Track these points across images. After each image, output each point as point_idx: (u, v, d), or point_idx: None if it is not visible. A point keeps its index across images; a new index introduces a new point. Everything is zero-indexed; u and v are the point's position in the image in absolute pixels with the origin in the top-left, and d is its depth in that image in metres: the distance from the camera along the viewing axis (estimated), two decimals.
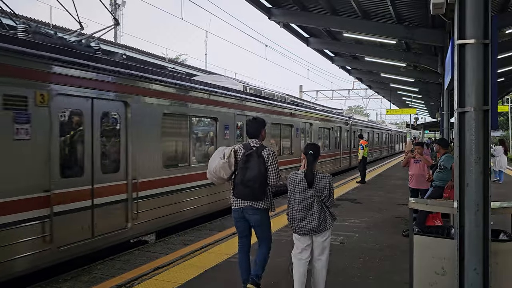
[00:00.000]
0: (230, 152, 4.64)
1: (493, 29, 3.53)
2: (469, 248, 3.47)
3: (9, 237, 5.16)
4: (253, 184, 4.51)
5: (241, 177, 4.56)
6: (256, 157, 4.58)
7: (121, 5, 33.41)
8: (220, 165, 4.57)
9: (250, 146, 4.69)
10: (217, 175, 4.65)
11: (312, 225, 4.35)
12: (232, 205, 4.72)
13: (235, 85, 12.13)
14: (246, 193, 4.55)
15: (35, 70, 5.53)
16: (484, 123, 3.45)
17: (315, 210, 4.36)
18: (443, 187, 7.34)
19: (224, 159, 4.58)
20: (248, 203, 4.57)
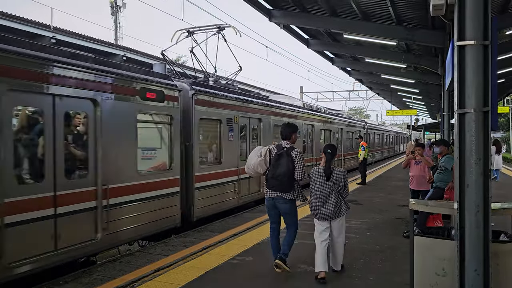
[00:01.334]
0: (266, 151, 5.56)
1: (493, 30, 3.54)
2: (470, 249, 3.47)
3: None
4: (282, 178, 5.40)
5: (273, 172, 5.47)
6: (286, 156, 5.47)
7: (122, 7, 33.46)
8: (258, 162, 5.49)
9: (282, 146, 5.58)
10: (255, 170, 5.60)
11: (329, 211, 5.30)
12: (265, 195, 5.63)
13: (296, 102, 16.74)
14: (276, 186, 5.44)
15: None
16: (484, 124, 3.46)
17: (332, 199, 5.29)
18: (444, 188, 7.33)
19: (261, 157, 5.48)
20: (278, 194, 5.45)
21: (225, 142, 9.95)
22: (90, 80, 6.26)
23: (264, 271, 5.64)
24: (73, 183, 6.00)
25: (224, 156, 9.89)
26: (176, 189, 8.11)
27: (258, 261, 6.09)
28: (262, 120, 11.92)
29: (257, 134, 11.91)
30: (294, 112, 14.78)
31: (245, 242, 7.09)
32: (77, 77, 6.06)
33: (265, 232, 7.77)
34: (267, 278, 5.38)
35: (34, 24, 15.06)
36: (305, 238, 6.54)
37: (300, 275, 5.48)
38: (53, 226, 5.58)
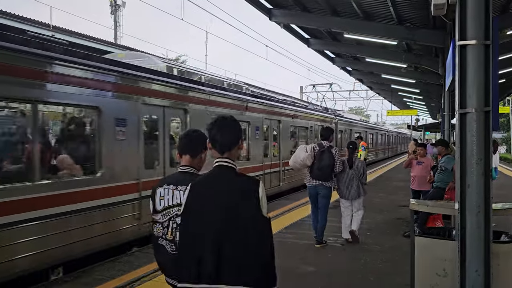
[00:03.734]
0: (311, 148, 7.02)
1: (494, 30, 3.51)
2: (471, 249, 3.45)
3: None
4: (325, 170, 6.86)
5: (318, 165, 6.87)
6: (327, 153, 6.94)
7: (121, 6, 33.44)
8: (306, 157, 6.90)
9: (323, 145, 7.05)
10: (303, 163, 6.98)
11: (352, 194, 7.04)
12: (308, 184, 7.11)
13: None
14: (319, 175, 6.88)
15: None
16: (485, 124, 3.44)
17: (354, 183, 7.03)
18: (444, 188, 7.32)
19: (308, 152, 6.93)
20: (320, 183, 6.89)
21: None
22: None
23: None
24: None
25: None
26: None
27: None
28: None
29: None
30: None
31: None
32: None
33: None
34: None
35: (34, 23, 15.04)
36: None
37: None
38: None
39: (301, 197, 12.64)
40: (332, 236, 7.46)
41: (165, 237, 2.64)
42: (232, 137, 2.36)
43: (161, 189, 2.71)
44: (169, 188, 2.68)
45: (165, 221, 2.66)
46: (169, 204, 2.66)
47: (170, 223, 2.64)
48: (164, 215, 2.67)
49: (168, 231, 2.64)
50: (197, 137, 2.82)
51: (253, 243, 2.16)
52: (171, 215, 2.63)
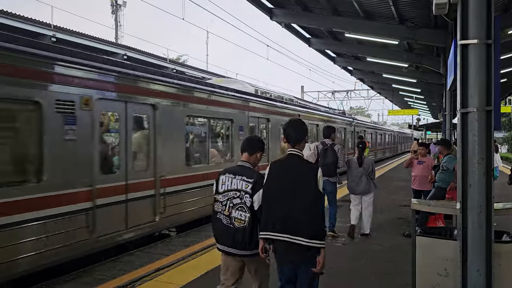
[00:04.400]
0: (315, 147, 7.46)
1: (496, 30, 3.50)
2: (472, 249, 3.44)
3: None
4: (330, 166, 7.20)
5: (322, 162, 7.21)
6: (330, 150, 7.36)
7: (122, 6, 33.44)
8: (310, 155, 7.14)
9: (326, 143, 7.47)
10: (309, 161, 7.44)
11: (361, 189, 7.39)
12: None
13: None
14: (324, 171, 6.53)
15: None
16: (487, 123, 3.43)
17: (363, 180, 7.36)
18: (446, 188, 7.31)
19: (312, 151, 7.29)
20: (326, 178, 6.78)
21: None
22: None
23: None
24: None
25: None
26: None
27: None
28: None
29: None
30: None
31: None
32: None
33: None
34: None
35: (35, 22, 15.05)
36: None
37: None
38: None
39: None
40: (332, 236, 7.46)
41: (222, 212, 3.52)
42: (301, 134, 3.41)
43: (223, 176, 3.60)
44: (229, 176, 3.56)
45: (224, 201, 3.52)
46: (228, 188, 3.54)
47: (227, 203, 3.51)
48: (224, 196, 3.54)
49: (225, 208, 3.51)
50: (256, 141, 3.81)
51: (311, 208, 3.15)
52: (229, 196, 3.51)
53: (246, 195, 3.44)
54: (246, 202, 3.44)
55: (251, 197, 3.42)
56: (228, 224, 3.47)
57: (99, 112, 6.40)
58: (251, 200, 3.42)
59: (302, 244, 3.10)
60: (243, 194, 3.45)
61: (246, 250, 3.47)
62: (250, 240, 3.43)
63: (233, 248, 3.49)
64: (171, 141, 7.99)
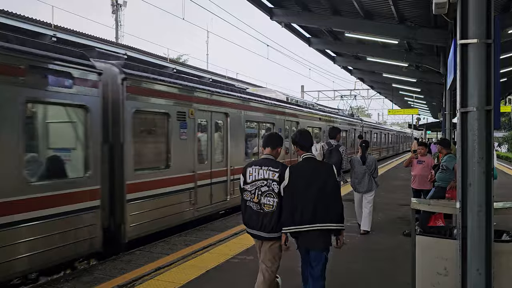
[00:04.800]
0: (320, 147, 7.86)
1: (495, 29, 3.51)
2: (472, 248, 3.45)
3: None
4: (335, 166, 7.31)
5: (327, 161, 7.17)
6: (335, 151, 7.70)
7: (123, 5, 33.42)
8: (316, 155, 6.64)
9: (331, 144, 7.84)
10: None
11: (363, 188, 7.67)
12: None
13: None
14: None
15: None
16: (487, 123, 3.43)
17: (366, 178, 7.62)
18: (445, 187, 7.31)
19: (317, 151, 7.57)
20: None
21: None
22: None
23: None
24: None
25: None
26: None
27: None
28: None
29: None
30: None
31: (246, 241, 7.06)
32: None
33: None
34: None
35: (35, 22, 15.05)
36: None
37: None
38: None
39: None
40: None
41: (252, 200, 4.00)
42: (310, 142, 4.16)
43: (250, 168, 4.09)
44: (256, 168, 4.05)
45: (253, 190, 4.00)
46: (255, 178, 4.01)
47: (256, 191, 3.98)
48: (252, 185, 4.01)
49: (254, 196, 3.98)
50: (276, 137, 4.38)
51: (332, 198, 3.86)
52: (257, 185, 3.98)
53: (274, 182, 3.94)
54: (274, 189, 3.93)
55: (278, 184, 3.91)
56: (258, 210, 3.96)
57: (197, 119, 8.99)
58: (278, 187, 3.92)
59: (330, 229, 3.84)
60: (270, 182, 3.95)
61: (273, 233, 3.94)
62: (276, 223, 3.90)
63: (262, 232, 3.98)
64: (237, 140, 10.57)
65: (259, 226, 3.97)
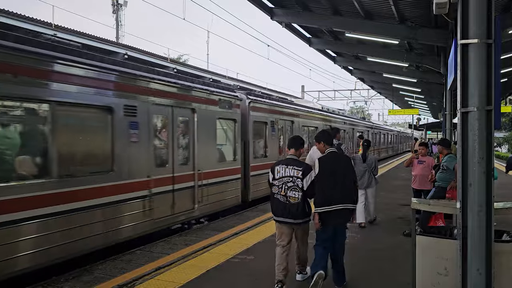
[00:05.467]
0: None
1: (496, 29, 3.51)
2: (472, 248, 3.45)
3: None
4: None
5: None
6: (338, 149, 7.44)
7: (123, 5, 33.42)
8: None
9: (334, 142, 8.31)
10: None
11: (364, 184, 8.08)
12: None
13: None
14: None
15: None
16: (487, 123, 3.43)
17: (366, 175, 8.14)
18: (446, 187, 7.30)
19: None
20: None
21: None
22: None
23: (265, 269, 5.63)
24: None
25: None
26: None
27: (259, 260, 6.08)
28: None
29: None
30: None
31: (246, 241, 7.08)
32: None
33: (266, 231, 7.76)
34: (268, 277, 5.37)
35: (36, 22, 15.05)
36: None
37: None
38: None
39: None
40: None
41: (279, 193, 4.80)
42: (331, 139, 5.26)
43: (278, 167, 4.90)
44: (283, 166, 4.87)
45: (280, 184, 4.80)
46: (282, 175, 4.81)
47: (283, 186, 4.78)
48: (279, 181, 4.82)
49: (281, 190, 4.79)
50: (299, 139, 5.23)
51: (351, 183, 4.87)
52: (284, 181, 4.78)
53: (298, 179, 4.74)
54: (298, 185, 4.74)
55: (302, 180, 4.74)
56: (285, 201, 4.76)
57: (279, 125, 13.59)
58: (302, 183, 4.73)
59: (349, 208, 4.81)
60: (295, 179, 4.76)
61: (299, 219, 4.82)
62: (302, 212, 4.78)
63: (290, 218, 4.80)
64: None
65: (287, 215, 4.78)
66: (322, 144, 5.12)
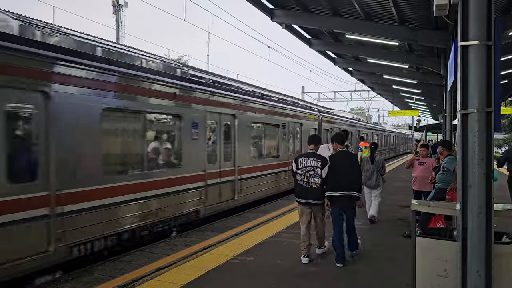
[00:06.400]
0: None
1: (496, 31, 3.51)
2: (472, 250, 3.45)
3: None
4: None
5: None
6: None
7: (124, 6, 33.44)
8: (328, 154, 7.53)
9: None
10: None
11: (372, 184, 8.72)
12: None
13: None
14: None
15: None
16: (487, 125, 3.43)
17: (374, 176, 8.67)
18: (446, 189, 7.29)
19: (330, 151, 7.72)
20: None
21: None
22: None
23: (265, 271, 5.63)
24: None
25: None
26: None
27: (258, 261, 6.08)
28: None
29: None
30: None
31: (246, 242, 7.07)
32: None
33: (265, 232, 7.76)
34: (268, 278, 5.37)
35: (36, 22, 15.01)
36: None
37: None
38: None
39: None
40: None
41: (302, 180, 6.02)
42: (343, 140, 6.56)
43: (301, 159, 6.10)
44: (305, 158, 6.09)
45: (303, 173, 6.01)
46: (304, 165, 6.02)
47: (305, 174, 5.99)
48: (302, 170, 6.03)
49: (304, 178, 5.99)
50: (317, 137, 6.64)
51: (355, 175, 6.06)
52: (306, 170, 5.99)
53: (318, 168, 5.98)
54: (318, 173, 5.97)
55: (321, 170, 5.96)
56: (307, 186, 5.99)
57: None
58: (320, 172, 5.96)
59: (351, 195, 5.96)
60: (315, 168, 5.98)
61: (319, 201, 6.04)
62: (321, 194, 6.00)
63: (311, 200, 6.03)
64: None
65: (309, 197, 6.01)
66: (335, 144, 6.49)
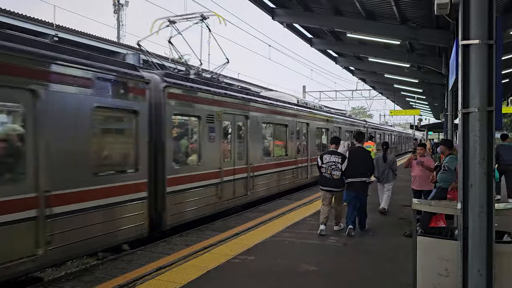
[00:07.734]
0: (347, 144, 9.29)
1: (497, 30, 3.50)
2: (473, 249, 3.44)
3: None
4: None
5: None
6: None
7: (124, 5, 33.47)
8: (344, 151, 8.34)
9: (354, 143, 9.12)
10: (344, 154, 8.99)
11: (384, 179, 9.66)
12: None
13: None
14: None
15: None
16: (488, 124, 3.42)
17: (386, 173, 9.60)
18: (447, 188, 7.28)
19: (345, 147, 8.68)
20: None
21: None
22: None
23: (265, 270, 5.63)
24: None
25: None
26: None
27: (259, 260, 6.08)
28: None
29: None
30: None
31: (247, 242, 7.08)
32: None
33: (266, 232, 7.76)
34: (268, 277, 5.37)
35: (37, 22, 15.07)
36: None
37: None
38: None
39: (301, 197, 12.64)
40: (334, 236, 7.49)
41: (326, 172, 7.63)
42: (362, 139, 8.89)
43: (325, 155, 7.75)
44: (328, 155, 7.72)
45: (327, 167, 7.62)
46: (328, 161, 7.64)
47: (328, 167, 7.60)
48: (326, 164, 7.63)
49: (327, 170, 7.61)
50: (338, 138, 8.33)
51: (366, 166, 8.01)
52: (329, 165, 7.60)
53: (338, 163, 7.57)
54: (338, 167, 7.56)
55: (341, 164, 7.56)
56: (330, 177, 7.58)
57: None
58: (341, 166, 7.56)
59: (362, 180, 7.73)
60: (336, 163, 7.57)
61: (339, 188, 7.69)
62: (340, 183, 7.63)
63: (333, 188, 7.63)
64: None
65: (332, 185, 7.62)
66: (356, 141, 8.49)
